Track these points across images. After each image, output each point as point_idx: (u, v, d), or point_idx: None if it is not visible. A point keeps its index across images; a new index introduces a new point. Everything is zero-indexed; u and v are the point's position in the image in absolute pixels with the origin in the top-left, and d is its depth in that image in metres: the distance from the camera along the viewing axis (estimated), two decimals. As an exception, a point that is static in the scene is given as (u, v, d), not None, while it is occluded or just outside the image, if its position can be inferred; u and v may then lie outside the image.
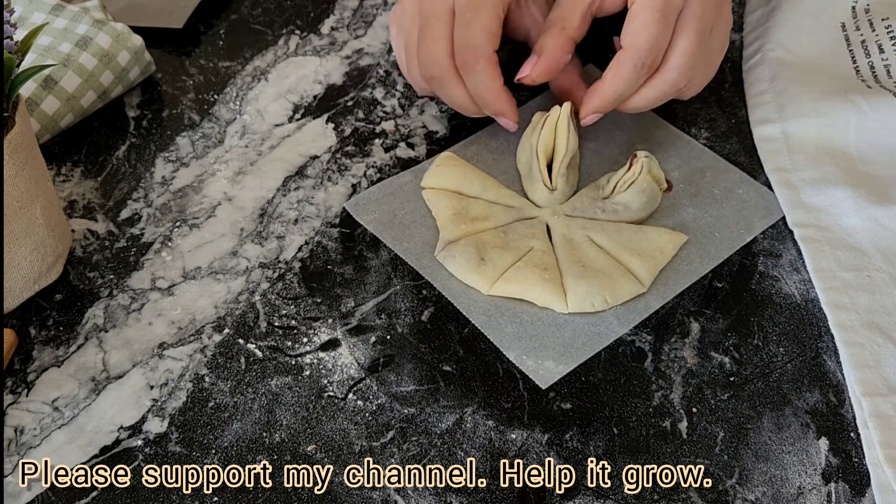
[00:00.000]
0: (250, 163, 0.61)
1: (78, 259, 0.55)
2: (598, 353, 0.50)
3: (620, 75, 0.55)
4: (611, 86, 0.55)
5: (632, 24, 0.54)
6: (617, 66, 0.55)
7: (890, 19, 0.65)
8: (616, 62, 0.55)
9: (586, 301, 0.51)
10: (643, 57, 0.54)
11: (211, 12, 0.73)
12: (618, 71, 0.55)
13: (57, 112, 0.60)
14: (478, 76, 0.55)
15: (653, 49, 0.54)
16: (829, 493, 0.45)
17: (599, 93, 0.56)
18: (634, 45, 0.54)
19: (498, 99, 0.56)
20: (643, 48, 0.54)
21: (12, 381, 0.49)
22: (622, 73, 0.55)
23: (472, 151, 0.61)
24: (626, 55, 0.54)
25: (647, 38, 0.53)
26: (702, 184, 0.59)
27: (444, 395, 0.49)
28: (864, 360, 0.49)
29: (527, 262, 0.53)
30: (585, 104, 0.57)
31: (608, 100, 0.56)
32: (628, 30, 0.54)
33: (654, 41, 0.53)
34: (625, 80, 0.55)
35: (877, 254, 0.54)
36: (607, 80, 0.55)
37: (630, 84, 0.55)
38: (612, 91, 0.55)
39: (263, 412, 0.48)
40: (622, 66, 0.55)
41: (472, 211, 0.55)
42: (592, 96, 0.56)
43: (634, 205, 0.55)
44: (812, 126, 0.60)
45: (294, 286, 0.54)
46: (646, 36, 0.53)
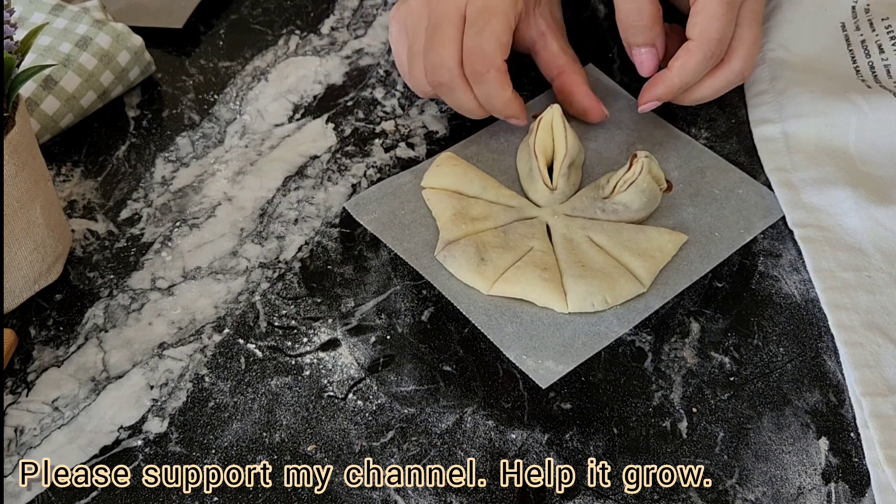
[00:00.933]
0: (250, 163, 0.61)
1: (78, 259, 0.55)
2: (598, 353, 0.50)
3: (689, 65, 0.56)
4: (678, 74, 0.56)
5: (700, 14, 0.55)
6: (686, 55, 0.56)
7: (890, 19, 0.65)
8: (685, 52, 0.56)
9: (586, 301, 0.51)
10: (713, 48, 0.55)
11: (211, 12, 0.73)
12: (687, 60, 0.56)
13: (57, 112, 0.60)
14: (487, 85, 0.56)
15: (722, 40, 0.55)
16: (829, 493, 0.45)
17: (666, 80, 0.57)
18: (704, 35, 0.55)
19: (507, 106, 0.57)
20: (713, 38, 0.55)
21: (12, 381, 0.49)
22: (691, 63, 0.56)
23: (472, 151, 0.61)
24: (696, 45, 0.55)
25: (718, 28, 0.55)
26: (702, 184, 0.59)
27: (444, 395, 0.49)
28: (864, 360, 0.49)
29: (527, 262, 0.53)
30: (649, 91, 0.58)
31: (674, 88, 0.57)
32: (696, 21, 0.55)
33: (722, 32, 0.55)
34: (693, 69, 0.56)
35: (877, 254, 0.54)
36: (675, 69, 0.56)
37: (697, 74, 0.56)
38: (680, 80, 0.56)
39: (263, 412, 0.48)
40: (691, 56, 0.55)
41: (472, 211, 0.56)
42: (657, 84, 0.57)
43: (634, 205, 0.55)
44: (812, 126, 0.60)
45: (294, 286, 0.54)
46: (716, 26, 0.54)
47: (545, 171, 0.56)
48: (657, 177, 0.55)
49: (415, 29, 0.59)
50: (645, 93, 0.58)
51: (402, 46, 0.61)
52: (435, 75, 0.57)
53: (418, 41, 0.58)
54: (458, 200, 0.56)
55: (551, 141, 0.57)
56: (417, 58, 0.59)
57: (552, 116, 0.56)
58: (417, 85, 0.61)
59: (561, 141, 0.56)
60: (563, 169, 0.56)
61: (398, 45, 0.62)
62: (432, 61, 0.57)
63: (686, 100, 0.59)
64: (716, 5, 0.54)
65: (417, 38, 0.58)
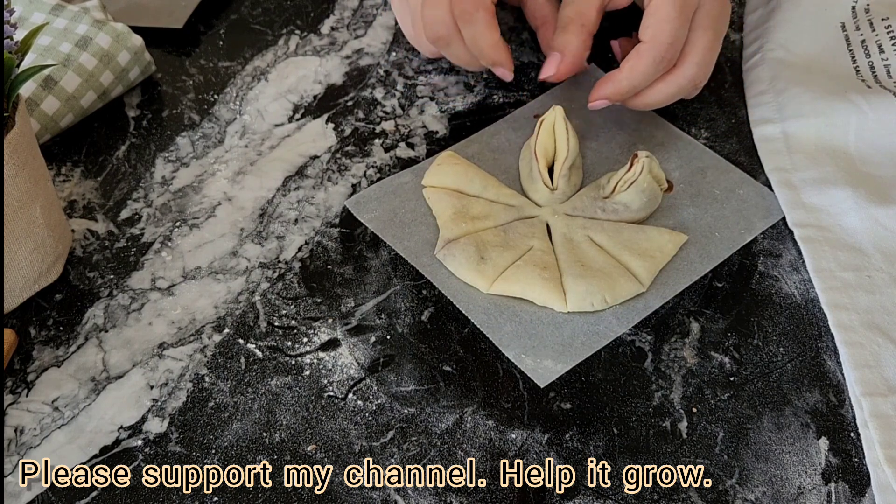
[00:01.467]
0: (250, 163, 0.61)
1: (78, 259, 0.55)
2: (597, 352, 0.50)
3: (637, 68, 0.55)
4: (627, 76, 0.56)
5: (652, 17, 0.55)
6: (636, 57, 0.55)
7: (890, 19, 0.65)
8: (636, 54, 0.55)
9: (585, 300, 0.51)
10: (663, 51, 0.55)
11: (211, 12, 0.73)
12: (636, 63, 0.55)
13: (57, 112, 0.60)
14: (475, 25, 0.56)
15: (673, 43, 0.55)
16: (829, 493, 0.45)
17: (615, 81, 0.56)
18: (655, 38, 0.54)
19: (495, 49, 0.57)
20: (664, 42, 0.54)
21: (12, 381, 0.49)
22: (640, 66, 0.55)
23: (473, 150, 0.61)
24: (647, 48, 0.55)
25: (669, 31, 0.54)
26: (702, 184, 0.59)
27: (444, 395, 0.49)
28: (864, 360, 0.49)
29: (526, 261, 0.53)
30: (597, 90, 0.57)
31: (622, 90, 0.56)
32: (648, 23, 0.55)
33: (674, 35, 0.54)
34: (642, 72, 0.55)
35: (877, 254, 0.54)
36: (624, 70, 0.56)
37: (646, 77, 0.56)
38: (628, 81, 0.56)
39: (263, 412, 0.48)
40: (641, 59, 0.55)
41: (473, 210, 0.56)
42: (607, 83, 0.57)
43: (635, 204, 0.55)
44: (812, 126, 0.60)
45: (294, 286, 0.54)
46: (668, 30, 0.54)
47: (545, 172, 0.56)
48: (658, 177, 0.55)
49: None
50: (594, 91, 0.58)
51: (404, 13, 0.63)
52: (432, 30, 0.58)
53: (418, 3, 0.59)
54: (459, 199, 0.56)
55: (553, 142, 0.57)
56: (418, 19, 0.60)
57: (554, 118, 0.56)
58: (424, 45, 0.62)
59: (563, 142, 0.56)
60: (564, 170, 0.56)
61: (402, 12, 0.64)
62: (429, 17, 0.57)
63: (638, 104, 0.58)
64: (668, 8, 0.54)
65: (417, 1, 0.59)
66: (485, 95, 0.65)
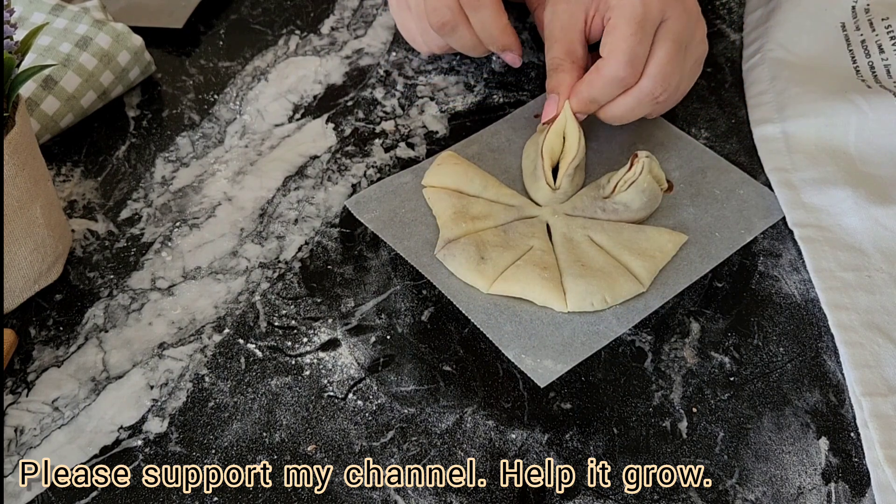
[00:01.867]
0: (250, 163, 0.61)
1: (78, 259, 0.55)
2: (597, 352, 0.50)
3: (595, 82, 0.56)
4: (586, 88, 0.56)
5: (610, 35, 0.55)
6: (595, 72, 0.56)
7: (890, 19, 0.65)
8: (595, 69, 0.56)
9: (585, 300, 0.51)
10: (619, 68, 0.55)
11: (211, 12, 0.73)
12: (595, 77, 0.56)
13: (57, 112, 0.60)
14: (484, 11, 0.57)
15: (631, 61, 0.55)
16: (829, 492, 0.45)
17: (577, 91, 0.57)
18: (612, 54, 0.55)
19: (504, 33, 0.58)
20: (620, 60, 0.55)
21: (12, 381, 0.49)
22: (598, 81, 0.56)
23: (472, 151, 0.61)
24: (604, 63, 0.55)
25: (625, 49, 0.54)
26: (703, 184, 0.59)
27: (444, 395, 0.49)
28: (864, 360, 0.49)
29: (526, 261, 0.53)
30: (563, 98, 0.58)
31: (583, 101, 0.56)
32: (606, 41, 0.55)
33: (631, 52, 0.54)
34: (600, 87, 0.56)
35: (877, 254, 0.54)
36: (584, 83, 0.56)
37: (604, 92, 0.56)
38: (588, 93, 0.56)
39: (263, 412, 0.48)
40: (599, 74, 0.56)
41: (473, 210, 0.56)
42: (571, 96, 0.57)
43: (635, 204, 0.55)
44: (812, 126, 0.60)
45: (294, 286, 0.54)
46: (623, 47, 0.54)
47: (549, 172, 0.56)
48: (658, 177, 0.55)
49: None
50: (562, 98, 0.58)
51: (403, 13, 0.64)
52: (436, 17, 0.58)
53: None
54: (459, 199, 0.56)
55: (560, 143, 0.57)
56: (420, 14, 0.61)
57: (565, 119, 0.56)
58: (425, 39, 0.62)
59: (574, 142, 0.56)
60: (570, 170, 0.56)
61: (400, 13, 0.64)
62: (431, 5, 0.58)
63: (603, 117, 0.58)
64: (625, 26, 0.54)
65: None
66: (485, 95, 0.65)
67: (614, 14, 0.55)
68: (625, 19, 0.54)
